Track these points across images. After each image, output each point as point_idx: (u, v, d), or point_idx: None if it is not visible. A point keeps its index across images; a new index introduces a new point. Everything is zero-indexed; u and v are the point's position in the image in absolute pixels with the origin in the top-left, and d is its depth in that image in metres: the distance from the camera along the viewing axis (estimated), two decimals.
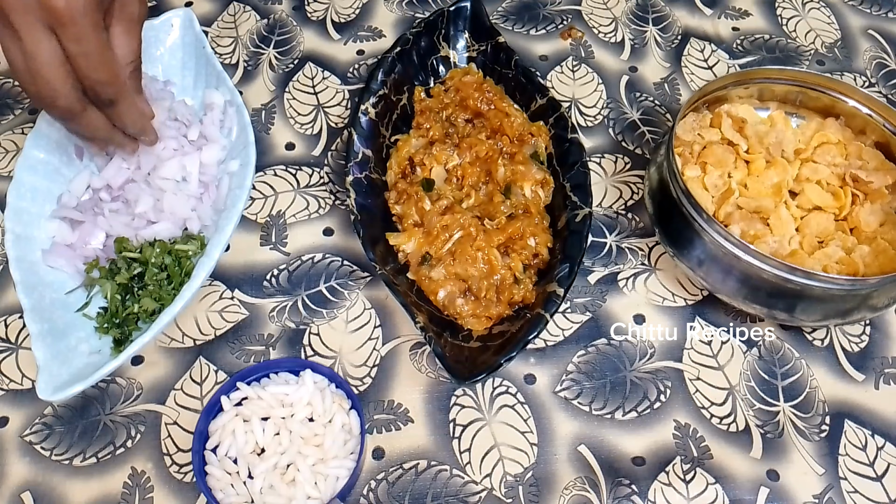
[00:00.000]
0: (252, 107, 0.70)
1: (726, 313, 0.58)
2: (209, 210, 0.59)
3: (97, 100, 0.50)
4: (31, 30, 0.45)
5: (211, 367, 0.55)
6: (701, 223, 0.53)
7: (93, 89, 0.49)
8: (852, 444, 0.53)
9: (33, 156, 0.58)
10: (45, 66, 0.46)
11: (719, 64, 0.75)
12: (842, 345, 0.57)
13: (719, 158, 0.59)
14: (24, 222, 0.56)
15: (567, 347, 0.56)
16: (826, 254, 0.55)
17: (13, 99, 0.69)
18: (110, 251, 0.56)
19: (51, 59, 0.46)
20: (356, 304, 0.58)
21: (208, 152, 0.60)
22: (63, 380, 0.49)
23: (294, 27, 0.76)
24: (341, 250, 0.61)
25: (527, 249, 0.57)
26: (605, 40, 0.76)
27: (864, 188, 0.58)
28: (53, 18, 0.44)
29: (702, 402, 0.54)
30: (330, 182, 0.65)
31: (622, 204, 0.64)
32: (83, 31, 0.46)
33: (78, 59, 0.46)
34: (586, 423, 0.53)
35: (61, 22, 0.45)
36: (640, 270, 0.60)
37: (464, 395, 0.54)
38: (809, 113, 0.63)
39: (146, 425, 0.52)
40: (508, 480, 0.51)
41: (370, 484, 0.50)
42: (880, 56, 0.76)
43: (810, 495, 0.50)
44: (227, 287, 0.59)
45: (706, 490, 0.50)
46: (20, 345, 0.56)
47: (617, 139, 0.69)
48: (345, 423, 0.50)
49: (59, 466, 0.51)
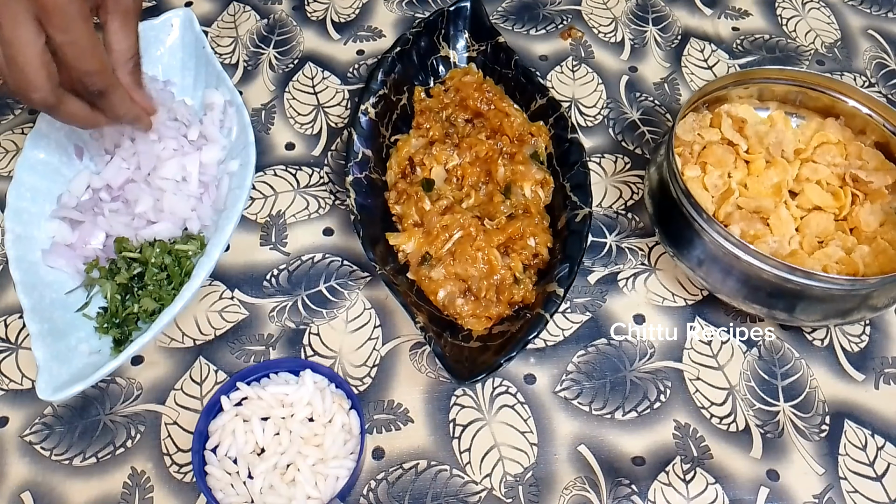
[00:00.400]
0: (252, 107, 0.70)
1: (726, 313, 0.58)
2: (209, 210, 0.59)
3: (86, 91, 0.48)
4: (14, 17, 0.43)
5: (211, 367, 0.55)
6: (701, 223, 0.53)
7: (81, 81, 0.47)
8: (852, 444, 0.53)
9: (33, 156, 0.58)
10: (21, 56, 0.44)
11: (719, 64, 0.75)
12: (842, 345, 0.57)
13: (719, 158, 0.59)
14: (24, 222, 0.56)
15: (567, 347, 0.56)
16: (826, 254, 0.55)
17: (13, 99, 0.69)
18: (110, 251, 0.56)
19: (29, 48, 0.44)
20: (356, 304, 0.58)
21: (208, 152, 0.60)
22: (63, 380, 0.49)
23: (294, 27, 0.76)
24: (341, 250, 0.61)
25: (527, 249, 0.57)
26: (605, 40, 0.76)
27: (864, 188, 0.58)
28: (39, 7, 0.43)
29: (702, 402, 0.54)
30: (330, 182, 0.65)
31: (622, 204, 0.64)
32: (69, 20, 0.44)
33: (64, 49, 0.45)
34: (586, 423, 0.53)
35: (46, 10, 0.43)
36: (640, 270, 0.60)
37: (464, 395, 0.54)
38: (809, 113, 0.63)
39: (146, 425, 0.52)
40: (508, 480, 0.51)
41: (370, 484, 0.50)
42: (880, 56, 0.76)
43: (810, 495, 0.50)
44: (227, 287, 0.59)
45: (706, 490, 0.50)
46: (20, 345, 0.56)
47: (617, 139, 0.69)
48: (345, 423, 0.50)
49: (59, 466, 0.51)
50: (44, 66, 0.45)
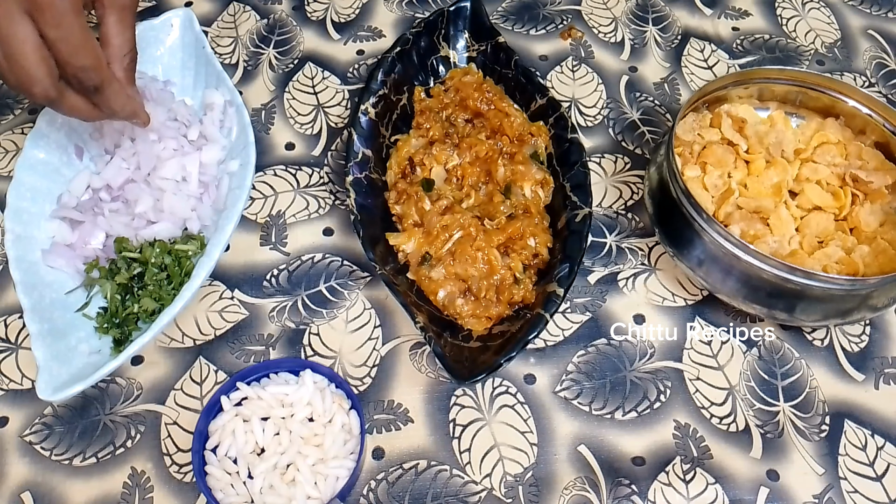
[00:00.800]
0: (252, 107, 0.70)
1: (726, 313, 0.58)
2: (209, 210, 0.59)
3: (81, 86, 0.48)
4: (8, 14, 0.43)
5: (211, 367, 0.55)
6: (701, 223, 0.53)
7: (75, 76, 0.47)
8: (852, 444, 0.53)
9: (33, 156, 0.58)
10: (19, 51, 0.44)
11: (719, 64, 0.75)
12: (842, 345, 0.57)
13: (719, 158, 0.59)
14: (24, 222, 0.56)
15: (567, 347, 0.56)
16: (826, 254, 0.55)
17: (13, 99, 0.69)
18: (110, 251, 0.56)
19: (26, 43, 0.44)
20: (356, 304, 0.58)
21: (208, 152, 0.60)
22: (63, 380, 0.49)
23: (294, 27, 0.76)
24: (341, 250, 0.61)
25: (527, 249, 0.57)
26: (605, 40, 0.76)
27: (864, 188, 0.58)
28: (30, 2, 0.43)
29: (702, 402, 0.54)
30: (330, 182, 0.65)
31: (622, 204, 0.64)
32: (62, 15, 0.44)
33: (58, 44, 0.45)
34: (586, 423, 0.53)
35: (39, 6, 0.43)
36: (640, 270, 0.60)
37: (464, 395, 0.54)
38: (809, 113, 0.63)
39: (146, 425, 0.52)
40: (508, 480, 0.51)
41: (370, 484, 0.50)
42: (880, 56, 0.76)
43: (810, 495, 0.50)
44: (227, 287, 0.59)
45: (706, 490, 0.50)
46: (20, 345, 0.56)
47: (617, 139, 0.69)
48: (345, 423, 0.50)
49: (59, 466, 0.51)
50: (43, 61, 0.45)
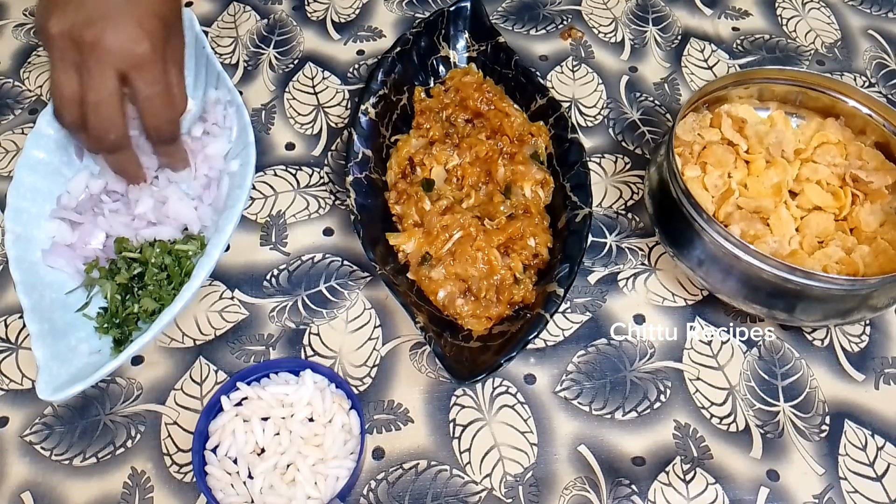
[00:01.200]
0: (252, 107, 0.70)
1: (726, 313, 0.58)
2: (209, 210, 0.59)
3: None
4: (102, 68, 0.49)
5: (211, 367, 0.55)
6: (701, 223, 0.53)
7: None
8: (852, 444, 0.53)
9: (33, 156, 0.58)
10: (106, 101, 0.49)
11: (719, 64, 0.75)
12: (842, 345, 0.57)
13: (719, 158, 0.59)
14: (24, 222, 0.56)
15: (567, 347, 0.56)
16: (826, 254, 0.55)
17: (13, 99, 0.70)
18: (110, 251, 0.56)
19: (114, 95, 0.49)
20: (356, 304, 0.58)
21: (214, 146, 0.60)
22: (63, 380, 0.48)
23: (294, 27, 0.76)
24: (341, 250, 0.61)
25: (527, 249, 0.57)
26: (605, 40, 0.76)
27: (864, 188, 0.58)
28: (132, 63, 0.49)
29: (702, 402, 0.54)
30: (330, 182, 0.65)
31: (622, 204, 0.64)
32: (159, 73, 0.50)
33: (152, 99, 0.51)
34: (586, 423, 0.53)
35: (141, 66, 0.49)
36: (640, 270, 0.60)
37: (464, 395, 0.54)
38: (809, 113, 0.63)
39: (146, 425, 0.52)
40: (508, 480, 0.51)
41: (370, 484, 0.50)
42: (880, 56, 0.76)
43: (810, 495, 0.50)
44: (227, 287, 0.59)
45: (706, 490, 0.50)
46: (20, 345, 0.56)
47: (617, 139, 0.69)
48: (345, 423, 0.50)
49: (59, 466, 0.51)
50: (123, 114, 0.51)
